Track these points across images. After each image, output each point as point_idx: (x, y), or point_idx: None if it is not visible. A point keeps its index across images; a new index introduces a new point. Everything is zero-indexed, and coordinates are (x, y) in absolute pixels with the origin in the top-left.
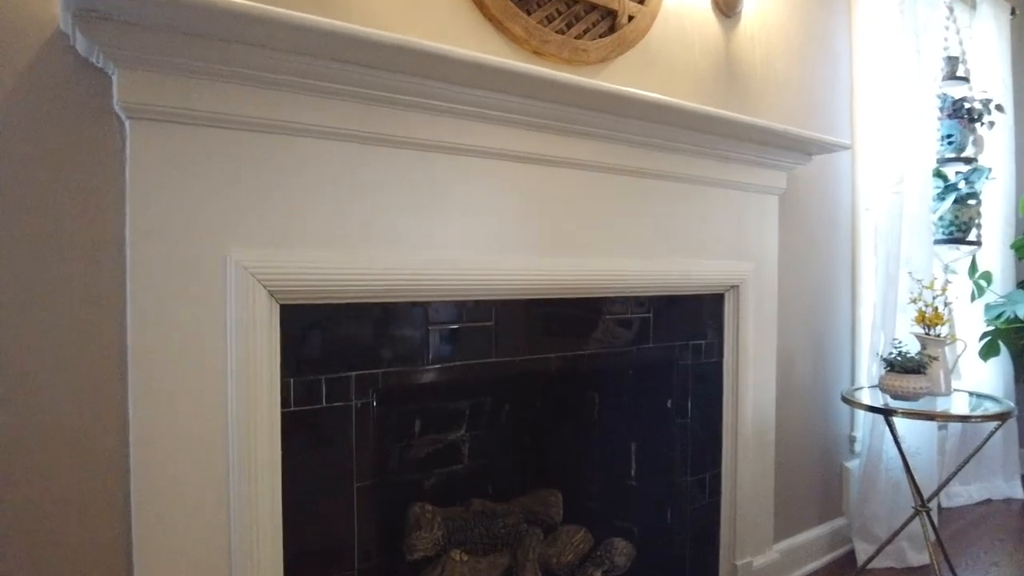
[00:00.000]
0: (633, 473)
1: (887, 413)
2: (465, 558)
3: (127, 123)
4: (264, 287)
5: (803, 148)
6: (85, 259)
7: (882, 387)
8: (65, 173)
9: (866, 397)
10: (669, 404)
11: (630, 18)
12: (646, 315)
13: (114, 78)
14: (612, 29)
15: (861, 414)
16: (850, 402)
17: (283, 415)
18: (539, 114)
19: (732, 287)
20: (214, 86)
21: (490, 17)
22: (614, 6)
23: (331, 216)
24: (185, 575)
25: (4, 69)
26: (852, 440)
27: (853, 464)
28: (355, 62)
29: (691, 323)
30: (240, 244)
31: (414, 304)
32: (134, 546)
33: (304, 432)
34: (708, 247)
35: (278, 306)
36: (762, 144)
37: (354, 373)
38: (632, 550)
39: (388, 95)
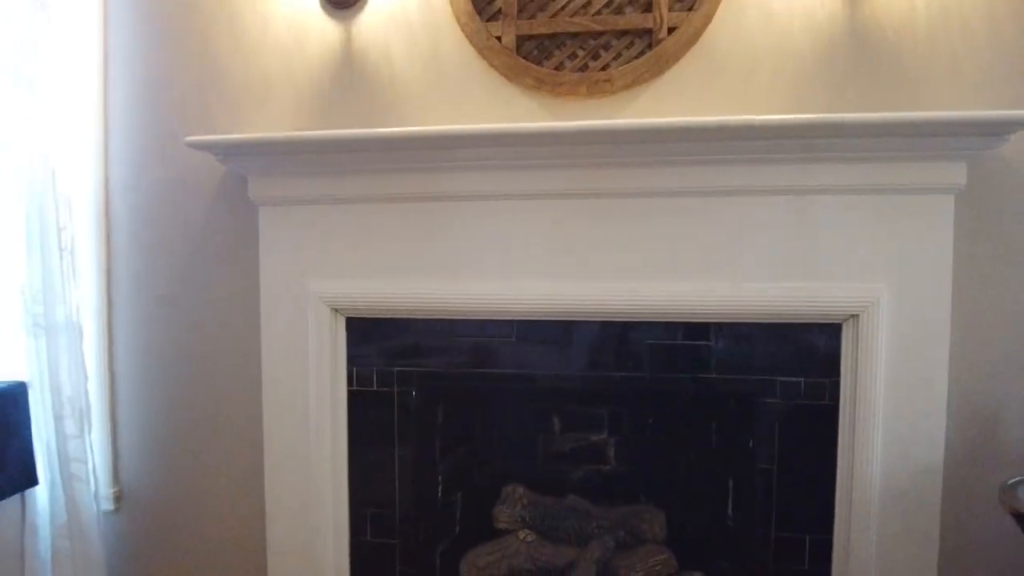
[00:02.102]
0: (730, 512)
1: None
2: (531, 539)
3: (259, 209)
4: (327, 305)
5: (978, 130)
6: (238, 300)
7: None
8: (236, 242)
9: None
10: (751, 444)
11: (670, 31)
12: (704, 342)
13: (249, 181)
14: (651, 46)
15: None
16: (1004, 500)
17: (348, 392)
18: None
19: (851, 316)
20: (297, 180)
21: (505, 75)
22: (648, 24)
23: (382, 254)
24: (290, 501)
25: (206, 186)
26: None
27: None
28: (391, 150)
29: (775, 356)
30: (315, 278)
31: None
32: (265, 473)
33: (362, 407)
34: (816, 268)
35: (343, 318)
36: (904, 136)
37: (396, 368)
38: None
39: (416, 165)
